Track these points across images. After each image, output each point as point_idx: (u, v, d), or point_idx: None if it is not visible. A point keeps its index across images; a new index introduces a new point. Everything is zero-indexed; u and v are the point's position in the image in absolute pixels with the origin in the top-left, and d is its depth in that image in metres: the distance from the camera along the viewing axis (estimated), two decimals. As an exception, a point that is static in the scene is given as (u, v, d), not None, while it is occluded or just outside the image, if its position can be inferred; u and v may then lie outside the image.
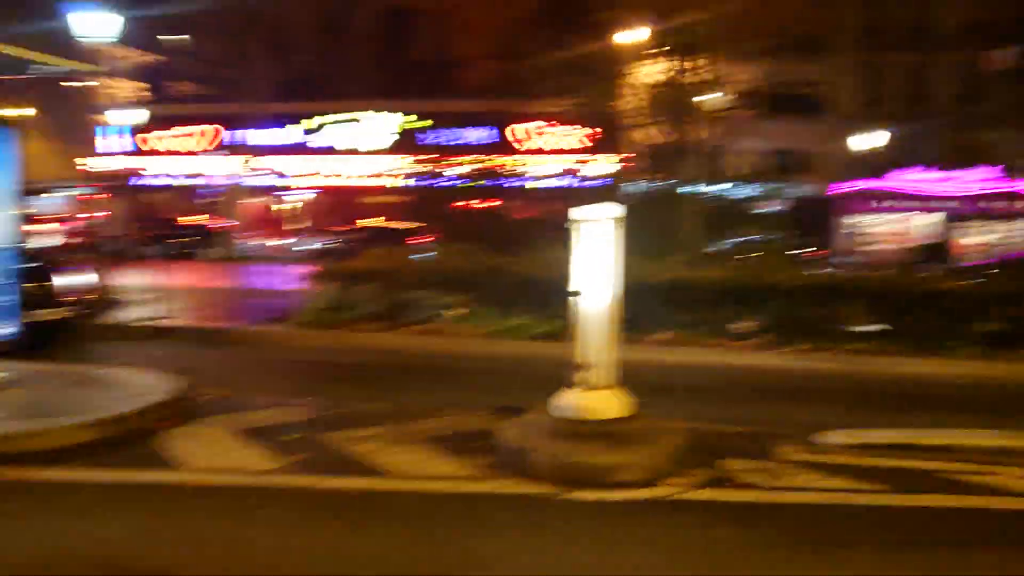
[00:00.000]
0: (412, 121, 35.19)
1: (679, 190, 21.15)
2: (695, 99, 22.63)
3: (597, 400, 5.52)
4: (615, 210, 5.54)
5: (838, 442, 6.20)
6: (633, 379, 8.70)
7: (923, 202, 32.30)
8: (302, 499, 4.92)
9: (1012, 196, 31.92)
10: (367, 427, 6.33)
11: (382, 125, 36.07)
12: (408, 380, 9.12)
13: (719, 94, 27.28)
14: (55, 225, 28.22)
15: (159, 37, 41.91)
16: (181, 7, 28.41)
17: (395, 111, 35.47)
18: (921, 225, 32.20)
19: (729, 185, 26.42)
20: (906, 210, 32.26)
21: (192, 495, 4.95)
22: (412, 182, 30.51)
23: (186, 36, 40.54)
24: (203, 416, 6.62)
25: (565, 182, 32.78)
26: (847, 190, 32.52)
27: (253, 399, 7.25)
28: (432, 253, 15.38)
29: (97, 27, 16.22)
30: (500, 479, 5.24)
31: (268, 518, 4.63)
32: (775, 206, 29.63)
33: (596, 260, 5.51)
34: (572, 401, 5.54)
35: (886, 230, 32.14)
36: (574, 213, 5.49)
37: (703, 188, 24.25)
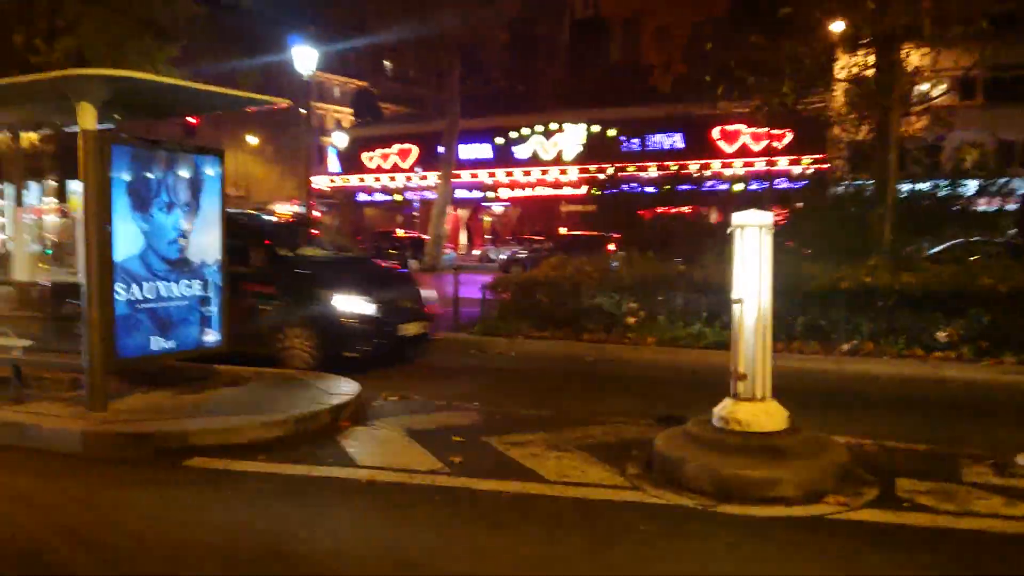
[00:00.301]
0: (605, 129, 35.34)
1: (884, 189, 19.64)
2: (902, 91, 21.00)
3: (752, 412, 5.35)
4: (765, 217, 5.36)
5: (1032, 464, 5.59)
6: (813, 390, 8.42)
7: None
8: (459, 499, 5.15)
9: None
10: (529, 432, 6.52)
11: (576, 135, 36.54)
12: (579, 386, 9.23)
13: (930, 84, 25.20)
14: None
15: (369, 64, 45.02)
16: (387, 36, 30.32)
17: (588, 120, 35.80)
18: None
19: (944, 182, 24.16)
20: None
21: (360, 490, 5.33)
22: (604, 190, 30.65)
23: (393, 62, 43.23)
24: (381, 417, 7.12)
25: (761, 185, 31.59)
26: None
27: (427, 402, 7.67)
28: (615, 263, 15.42)
29: (302, 60, 17.81)
30: (652, 489, 5.22)
31: (425, 515, 4.90)
32: (1003, 203, 26.80)
33: (750, 267, 5.36)
34: (727, 412, 5.41)
35: None
36: (734, 219, 5.37)
37: (913, 186, 22.47)
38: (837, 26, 19.22)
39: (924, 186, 20.82)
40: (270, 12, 37.79)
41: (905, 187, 21.61)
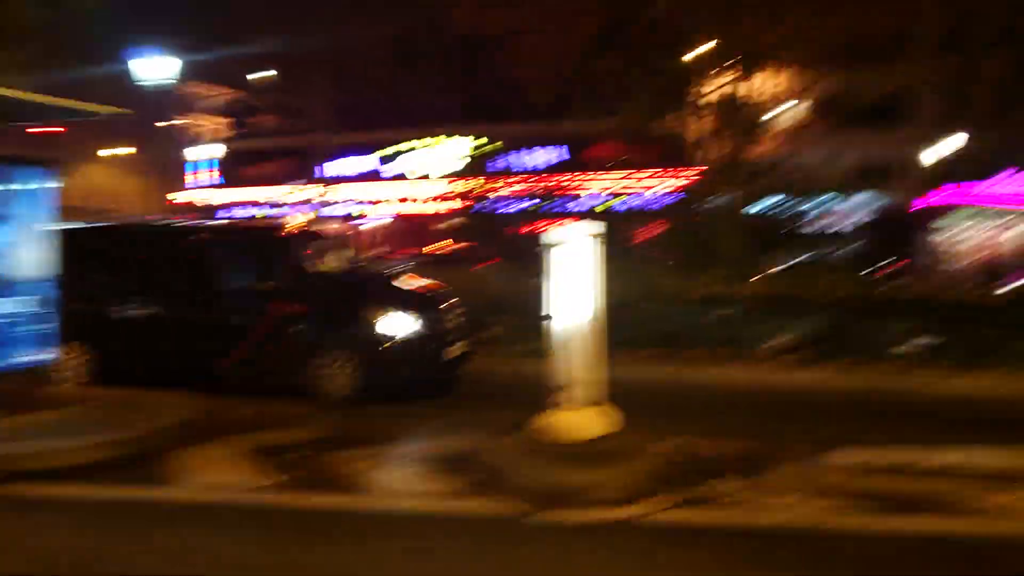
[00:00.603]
0: (481, 145, 35.71)
1: (746, 205, 20.71)
2: (763, 112, 22.28)
3: (579, 419, 5.57)
4: (593, 230, 5.60)
5: (842, 462, 6.02)
6: (658, 396, 8.74)
7: (1015, 211, 30.74)
8: (279, 516, 5.12)
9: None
10: (369, 447, 6.52)
11: (452, 150, 36.75)
12: (429, 402, 9.17)
13: (788, 106, 26.82)
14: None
15: (246, 76, 43.96)
16: (257, 47, 29.71)
17: (464, 136, 36.11)
18: (1014, 235, 30.64)
19: (799, 199, 25.64)
20: (996, 220, 30.77)
21: (176, 512, 5.21)
22: (479, 206, 30.99)
23: (268, 72, 42.37)
24: (222, 435, 6.91)
25: (635, 202, 32.61)
26: (932, 201, 31.25)
27: (273, 418, 7.54)
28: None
29: (157, 71, 17.25)
30: (478, 499, 5.32)
31: (241, 533, 4.83)
32: (851, 219, 28.73)
33: (577, 280, 5.57)
34: (554, 420, 5.60)
35: (976, 241, 30.71)
36: (547, 235, 5.57)
37: (769, 203, 23.86)
38: (707, 47, 20.24)
39: (776, 203, 22.12)
40: (138, 20, 36.39)
41: (763, 204, 22.93)
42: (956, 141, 30.57)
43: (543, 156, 34.65)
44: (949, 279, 22.50)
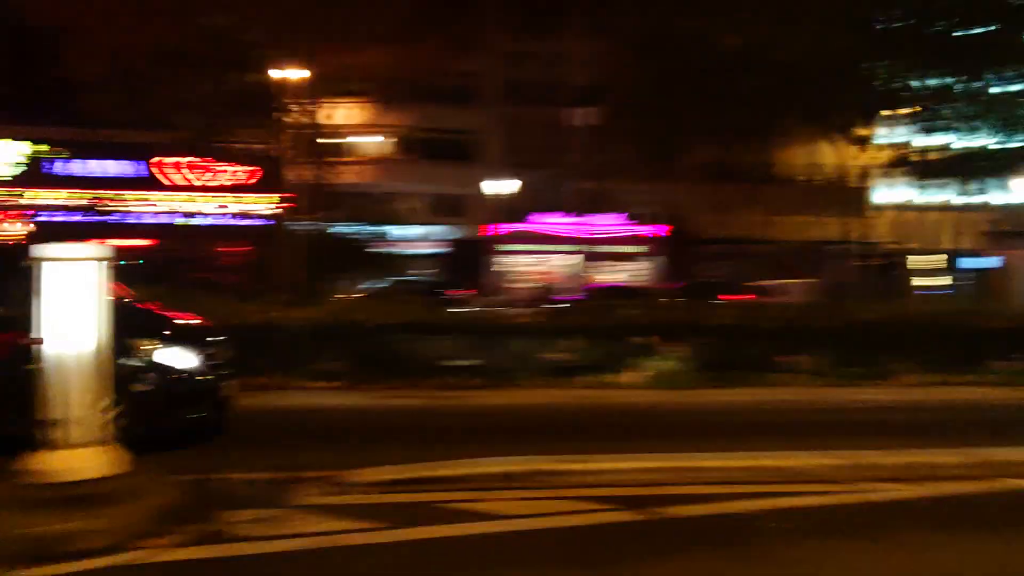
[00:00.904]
0: (38, 150, 31.49)
1: (322, 230, 21.05)
2: (346, 141, 22.89)
3: (74, 459, 4.98)
4: (97, 251, 5.10)
5: (364, 481, 6.20)
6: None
7: (561, 243, 35.50)
8: None
9: (635, 238, 36.23)
10: None
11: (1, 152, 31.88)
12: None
13: (373, 137, 28.02)
14: None
15: None
16: None
17: (14, 137, 31.55)
18: (559, 264, 35.36)
19: (379, 226, 26.81)
20: (546, 251, 35.24)
21: None
22: (36, 216, 27.24)
23: None
24: None
25: (221, 220, 31.23)
26: (494, 232, 34.84)
27: None
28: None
29: None
30: (-64, 562, 4.49)
31: None
32: (427, 247, 30.83)
33: (74, 304, 5.00)
34: (42, 463, 4.95)
35: (528, 269, 34.86)
36: (38, 251, 4.94)
37: (349, 229, 24.56)
38: (296, 74, 20.14)
39: (356, 230, 22.83)
40: None
41: (343, 229, 23.49)
42: (517, 179, 34.49)
43: (112, 166, 31.57)
44: (506, 302, 25.17)
